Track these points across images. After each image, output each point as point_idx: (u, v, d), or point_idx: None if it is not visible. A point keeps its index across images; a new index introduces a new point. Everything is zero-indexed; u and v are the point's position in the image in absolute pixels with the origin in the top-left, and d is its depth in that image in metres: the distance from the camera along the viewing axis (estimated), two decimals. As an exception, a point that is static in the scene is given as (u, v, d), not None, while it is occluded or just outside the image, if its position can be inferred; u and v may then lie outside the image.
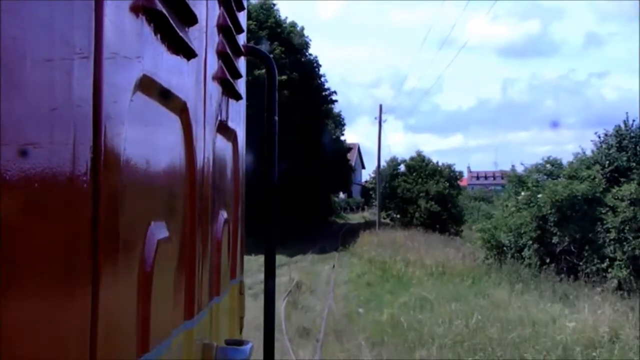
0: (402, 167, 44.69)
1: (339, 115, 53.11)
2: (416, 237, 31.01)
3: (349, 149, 54.95)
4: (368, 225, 43.96)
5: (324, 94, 43.98)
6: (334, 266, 25.05)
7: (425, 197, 41.30)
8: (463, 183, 50.23)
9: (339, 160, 47.06)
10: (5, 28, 0.62)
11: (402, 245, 27.61)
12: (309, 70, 39.85)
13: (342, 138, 53.59)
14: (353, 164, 59.73)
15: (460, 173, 46.42)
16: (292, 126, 31.20)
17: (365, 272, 22.33)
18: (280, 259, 16.17)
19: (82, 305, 0.80)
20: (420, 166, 43.76)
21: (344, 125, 54.90)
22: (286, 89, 31.21)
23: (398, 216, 43.40)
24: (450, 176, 44.12)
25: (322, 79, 43.87)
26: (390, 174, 43.29)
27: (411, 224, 40.20)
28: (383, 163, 45.76)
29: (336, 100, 46.23)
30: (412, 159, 44.91)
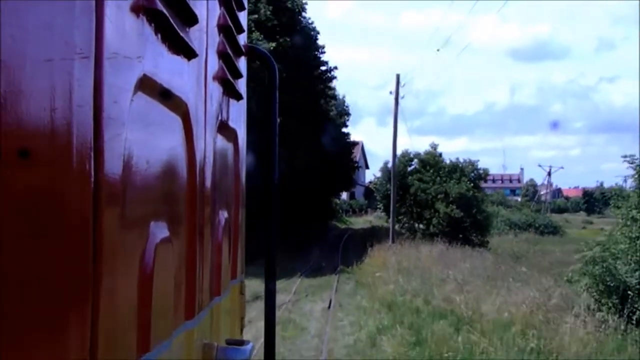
0: (415, 164, 35.87)
1: (342, 101, 42.84)
2: (451, 258, 21.15)
3: (353, 143, 45.48)
4: (376, 233, 34.64)
5: (322, 68, 34.05)
6: (330, 306, 15.57)
7: (444, 199, 32.87)
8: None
9: (342, 155, 38.44)
10: (6, 28, 0.62)
11: (435, 273, 17.82)
12: (305, 39, 30.44)
13: (346, 130, 43.35)
14: (357, 160, 50.56)
15: (486, 171, 37.34)
16: (284, 108, 22.38)
17: (385, 330, 12.07)
18: (254, 286, 8.85)
19: (83, 305, 0.80)
20: (437, 162, 35.14)
21: (348, 114, 44.23)
22: (276, 58, 23.87)
23: (421, 226, 34.09)
24: (474, 175, 35.35)
25: (320, 51, 33.43)
26: (401, 171, 33.98)
27: (427, 232, 32.32)
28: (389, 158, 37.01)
29: (335, 77, 35.36)
30: (427, 153, 35.99)
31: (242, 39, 2.14)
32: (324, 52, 33.64)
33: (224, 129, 1.90)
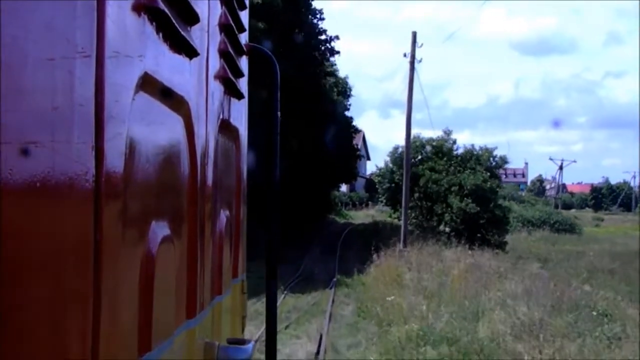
0: (426, 152, 31.06)
1: (344, 81, 36.59)
2: (487, 271, 15.55)
3: (355, 130, 39.36)
4: (379, 230, 30.39)
5: (321, 37, 28.60)
6: (318, 350, 10.49)
7: (458, 192, 28.53)
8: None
9: (343, 142, 32.92)
10: (7, 27, 0.62)
11: (472, 295, 12.49)
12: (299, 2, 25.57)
13: (348, 114, 37.01)
14: (359, 148, 44.70)
15: (504, 159, 32.23)
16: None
17: None
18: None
19: (85, 303, 0.80)
20: (450, 150, 30.72)
21: (349, 95, 37.49)
22: (263, 20, 19.44)
23: (432, 223, 29.50)
24: (490, 164, 30.57)
25: (318, 17, 27.84)
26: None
27: (438, 230, 28.35)
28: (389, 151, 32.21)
29: (338, 52, 29.80)
30: (439, 139, 31.40)
31: (244, 38, 2.14)
32: (323, 19, 28.29)
33: (226, 127, 1.90)
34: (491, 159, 31.00)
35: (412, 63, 25.19)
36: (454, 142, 31.42)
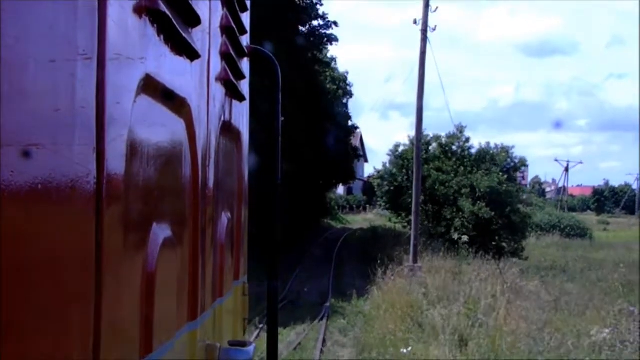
0: (433, 150, 28.01)
1: (343, 78, 34.80)
2: (530, 292, 12.45)
3: (353, 128, 36.78)
4: (380, 237, 27.71)
5: (317, 22, 25.56)
6: None
7: (470, 195, 25.45)
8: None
9: (340, 140, 30.61)
10: (9, 29, 0.62)
11: (520, 337, 9.35)
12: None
13: (346, 111, 35.28)
14: (357, 146, 42.45)
15: (522, 160, 29.25)
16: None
17: None
18: None
19: (86, 306, 0.80)
20: (462, 149, 27.72)
21: (349, 94, 35.61)
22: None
23: (459, 237, 25.42)
24: (507, 165, 27.68)
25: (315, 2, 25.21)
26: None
27: (447, 237, 24.95)
28: (390, 150, 28.89)
29: (335, 37, 26.57)
30: (449, 136, 28.00)
31: (245, 40, 2.14)
32: (321, 3, 25.20)
33: (227, 129, 1.90)
34: (509, 159, 27.90)
35: (424, 31, 19.68)
36: (467, 139, 28.06)
